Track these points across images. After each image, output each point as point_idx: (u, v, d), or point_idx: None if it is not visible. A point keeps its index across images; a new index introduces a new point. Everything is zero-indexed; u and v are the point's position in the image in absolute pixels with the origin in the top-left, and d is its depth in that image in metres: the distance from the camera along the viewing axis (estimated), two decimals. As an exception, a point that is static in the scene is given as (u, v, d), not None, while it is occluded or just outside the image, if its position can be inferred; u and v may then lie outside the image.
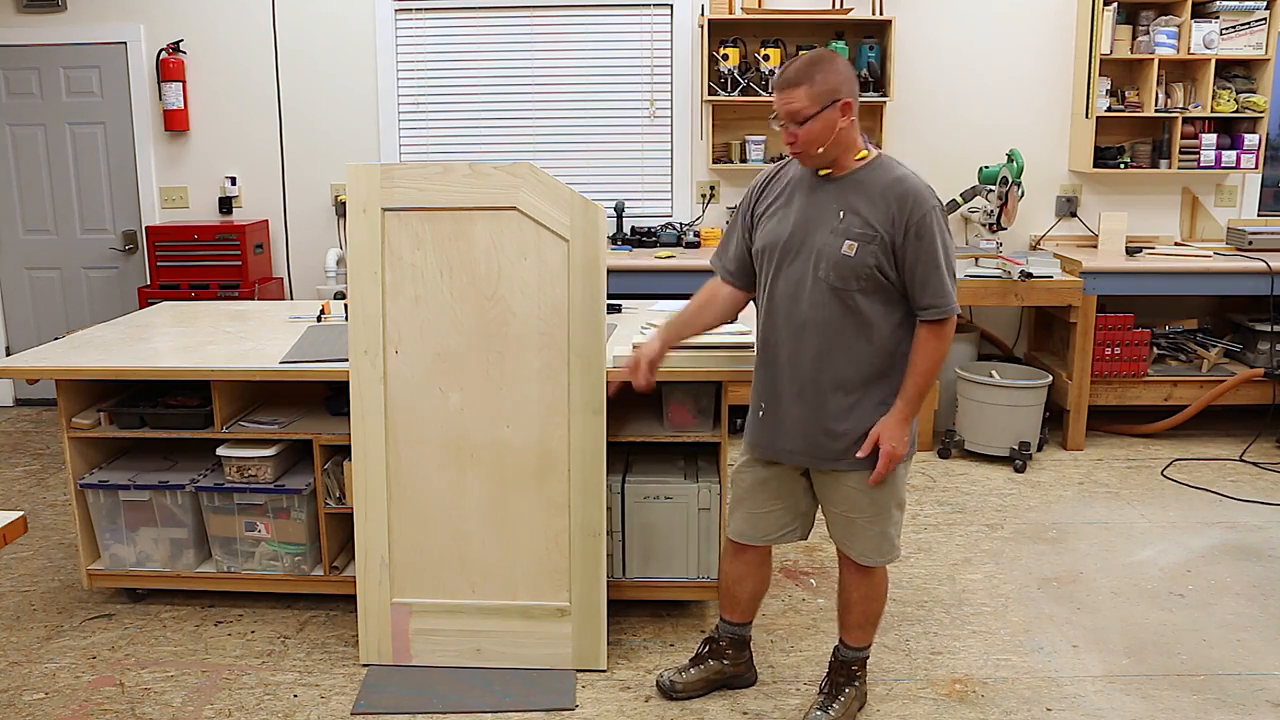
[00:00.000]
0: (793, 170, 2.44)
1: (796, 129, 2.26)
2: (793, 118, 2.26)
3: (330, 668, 2.89)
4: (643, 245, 5.15)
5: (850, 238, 2.28)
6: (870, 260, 2.27)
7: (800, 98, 2.24)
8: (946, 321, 2.31)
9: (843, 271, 2.29)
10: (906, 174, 2.32)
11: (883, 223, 2.27)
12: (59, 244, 5.51)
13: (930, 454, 4.75)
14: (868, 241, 2.27)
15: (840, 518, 2.47)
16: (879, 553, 2.47)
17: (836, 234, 2.30)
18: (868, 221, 2.28)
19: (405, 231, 2.76)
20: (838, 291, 2.30)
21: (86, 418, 3.14)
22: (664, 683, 2.71)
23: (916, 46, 5.14)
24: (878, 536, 2.45)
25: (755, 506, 2.55)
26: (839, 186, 2.34)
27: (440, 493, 2.82)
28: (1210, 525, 3.88)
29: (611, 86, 5.30)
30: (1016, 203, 4.79)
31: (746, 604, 2.71)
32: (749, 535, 2.58)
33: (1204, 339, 5.02)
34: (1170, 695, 2.73)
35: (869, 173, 2.33)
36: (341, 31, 5.25)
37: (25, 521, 2.08)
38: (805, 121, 2.25)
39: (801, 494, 2.53)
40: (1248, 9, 4.86)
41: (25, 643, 3.04)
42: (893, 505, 2.44)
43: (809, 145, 2.28)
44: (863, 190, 2.31)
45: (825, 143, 2.27)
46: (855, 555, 2.48)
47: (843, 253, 2.28)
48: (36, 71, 5.33)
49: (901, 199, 2.27)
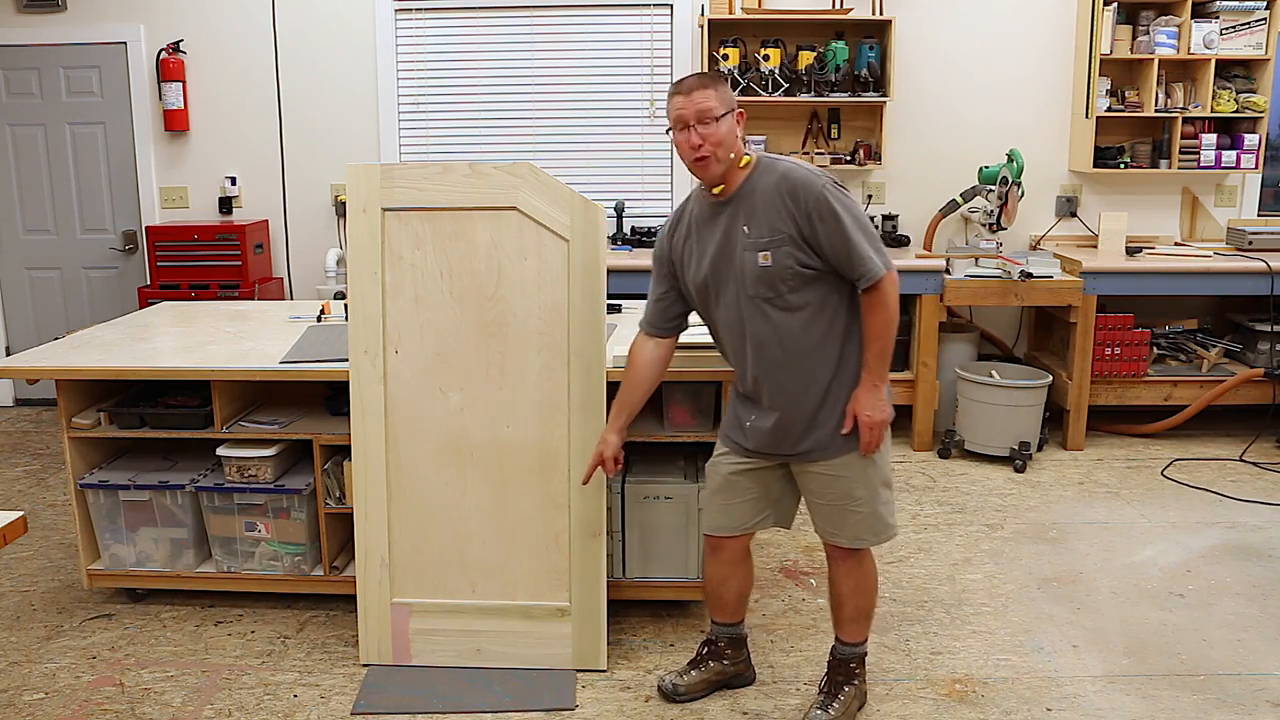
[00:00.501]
0: (691, 211, 2.49)
1: (705, 131, 2.29)
2: (702, 116, 2.29)
3: (330, 668, 2.89)
4: (643, 245, 5.15)
5: (761, 249, 2.31)
6: (787, 261, 2.31)
7: (711, 99, 2.30)
8: (881, 285, 2.30)
9: (767, 280, 2.32)
10: (789, 167, 2.35)
11: (785, 222, 2.30)
12: (59, 244, 5.51)
13: (930, 454, 4.75)
14: (778, 245, 2.30)
15: (827, 508, 2.48)
16: (872, 533, 2.47)
17: (749, 249, 2.33)
18: (772, 227, 2.31)
19: (405, 231, 2.76)
20: (771, 300, 2.34)
21: (86, 418, 3.14)
22: (666, 686, 2.71)
23: (916, 46, 5.14)
24: (869, 518, 2.46)
25: (731, 497, 2.57)
26: (733, 205, 2.38)
27: (440, 493, 2.82)
28: (1210, 525, 3.88)
29: (611, 86, 5.30)
30: (1016, 203, 4.79)
31: (734, 604, 2.72)
32: (724, 527, 2.61)
33: (1204, 339, 5.02)
34: (1170, 695, 2.73)
35: (755, 180, 2.36)
36: (341, 31, 5.25)
37: (25, 521, 2.08)
38: (713, 123, 2.28)
39: (775, 482, 2.55)
40: (1248, 9, 4.86)
41: (25, 643, 3.04)
42: (880, 484, 2.46)
43: (717, 148, 2.31)
44: (755, 199, 2.34)
45: (731, 148, 2.32)
46: (848, 540, 2.48)
47: (760, 265, 2.32)
48: (36, 71, 5.33)
49: (792, 192, 2.30)
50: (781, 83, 4.96)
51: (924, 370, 4.73)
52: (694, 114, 2.29)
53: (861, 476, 2.43)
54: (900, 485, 4.34)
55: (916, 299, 4.68)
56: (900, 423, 5.01)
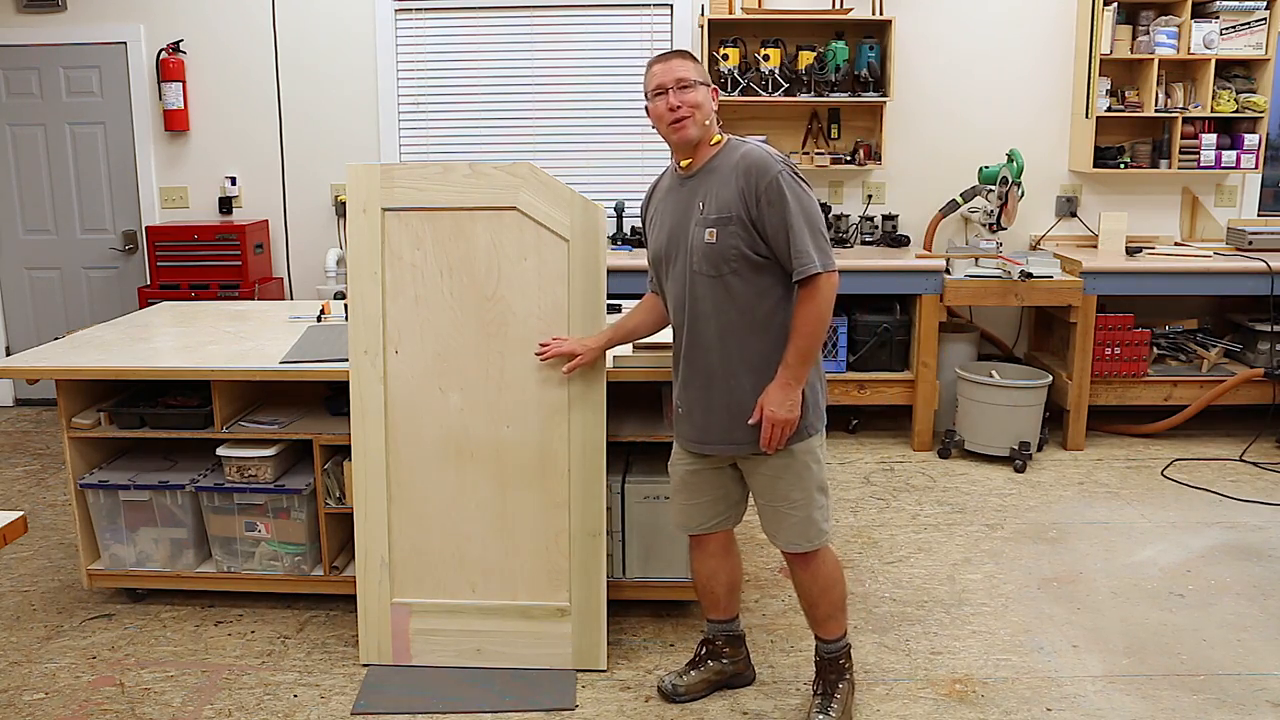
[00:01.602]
0: (663, 182, 2.56)
1: (683, 95, 2.36)
2: (680, 82, 2.36)
3: (330, 668, 2.89)
4: (642, 245, 5.12)
5: (709, 225, 2.35)
6: (732, 241, 2.33)
7: (688, 67, 2.40)
8: (817, 281, 2.29)
9: (711, 259, 2.35)
10: (751, 148, 2.38)
11: (735, 201, 2.32)
12: (59, 244, 5.51)
13: (930, 454, 4.76)
14: (725, 224, 2.33)
15: (766, 508, 2.50)
16: (805, 538, 2.48)
17: (699, 225, 2.37)
18: (724, 204, 2.34)
19: (405, 231, 2.76)
20: (712, 279, 2.36)
21: (86, 418, 3.14)
22: (665, 687, 2.71)
23: (916, 46, 5.14)
24: (803, 522, 2.46)
25: (690, 497, 2.61)
26: (697, 180, 2.42)
27: (440, 493, 2.82)
28: (1210, 525, 3.88)
29: (612, 86, 5.30)
30: (1016, 203, 4.79)
31: (726, 598, 2.72)
32: (686, 525, 2.65)
33: (1204, 339, 5.02)
34: (1170, 695, 2.73)
35: (720, 158, 2.41)
36: (341, 31, 5.25)
37: (25, 521, 2.08)
38: (690, 88, 2.36)
39: (731, 484, 2.58)
40: (1248, 9, 4.86)
41: (25, 643, 3.04)
42: (814, 489, 2.46)
43: (695, 110, 2.36)
44: (716, 176, 2.38)
45: (707, 115, 2.38)
46: (782, 544, 2.51)
47: (705, 241, 2.35)
48: (36, 71, 5.33)
49: (747, 172, 2.32)
50: (781, 83, 4.96)
51: (924, 370, 4.74)
52: (673, 80, 2.37)
53: (797, 480, 2.44)
54: (900, 485, 4.35)
55: (916, 299, 4.69)
56: (900, 423, 5.05)
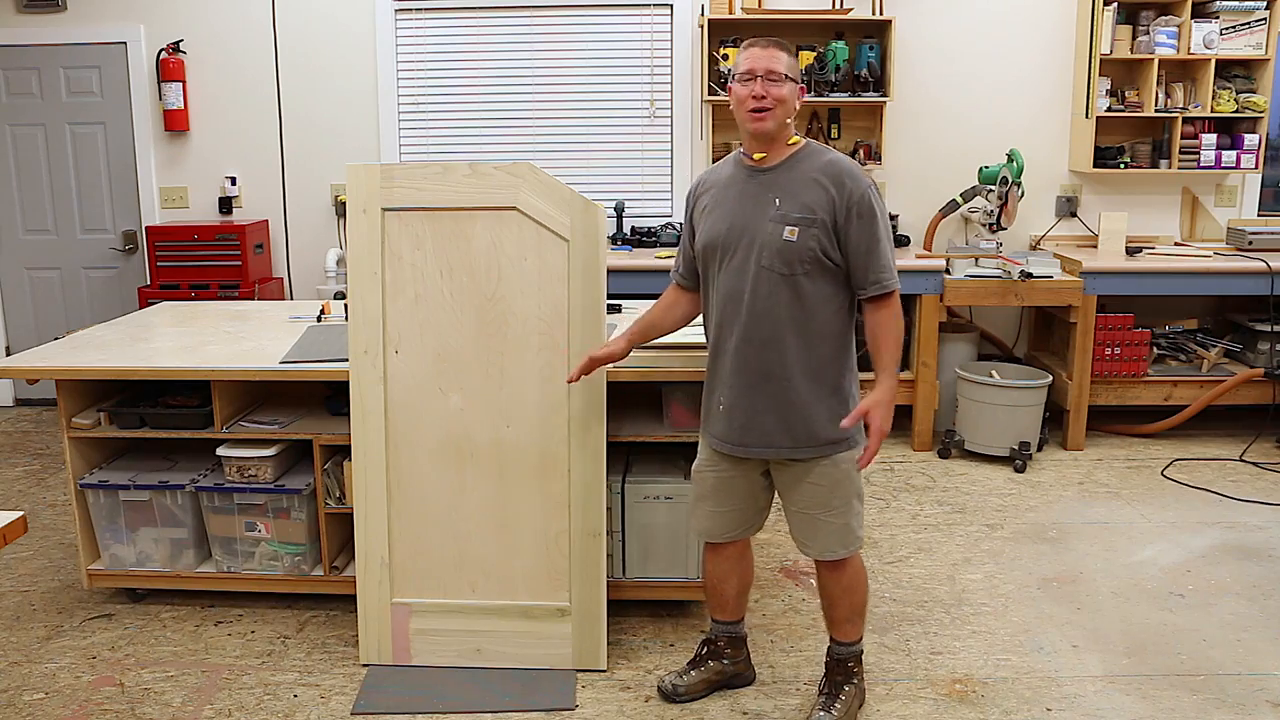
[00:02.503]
0: (724, 171, 2.50)
1: (771, 86, 2.31)
2: (770, 74, 2.31)
3: (330, 668, 2.89)
4: (643, 245, 5.15)
5: (790, 223, 2.32)
6: (812, 244, 2.31)
7: (783, 60, 2.34)
8: (894, 297, 2.36)
9: (786, 257, 2.32)
10: (839, 156, 2.38)
11: (822, 205, 2.31)
12: (59, 244, 5.51)
13: (930, 454, 4.75)
14: (808, 225, 2.31)
15: (800, 515, 2.48)
16: (842, 545, 2.47)
17: (775, 221, 2.34)
18: (806, 205, 2.32)
19: (405, 231, 2.76)
20: (783, 278, 2.34)
21: (86, 418, 3.14)
22: (665, 687, 2.71)
23: (916, 46, 5.14)
24: (840, 529, 2.46)
25: (717, 504, 2.58)
26: (771, 176, 2.38)
27: (440, 493, 2.82)
28: (1210, 525, 3.88)
29: (611, 86, 5.30)
30: (1016, 203, 4.79)
31: (734, 601, 2.72)
32: (711, 532, 2.62)
33: (1204, 339, 5.02)
34: (1170, 695, 2.73)
35: (800, 159, 2.38)
36: (341, 31, 5.25)
37: (25, 521, 2.08)
38: (779, 81, 2.31)
39: (760, 491, 2.56)
40: (1248, 9, 4.86)
41: (25, 643, 3.04)
42: (853, 496, 2.46)
43: (778, 104, 2.32)
44: (796, 176, 2.35)
45: (789, 113, 2.35)
46: (817, 553, 2.49)
47: (784, 238, 2.32)
48: (36, 71, 5.33)
49: (838, 179, 2.32)
50: (781, 83, 4.95)
51: (924, 370, 4.73)
52: (764, 68, 2.32)
53: (837, 488, 2.43)
54: (900, 485, 4.35)
55: (916, 299, 4.68)
56: (900, 423, 5.02)
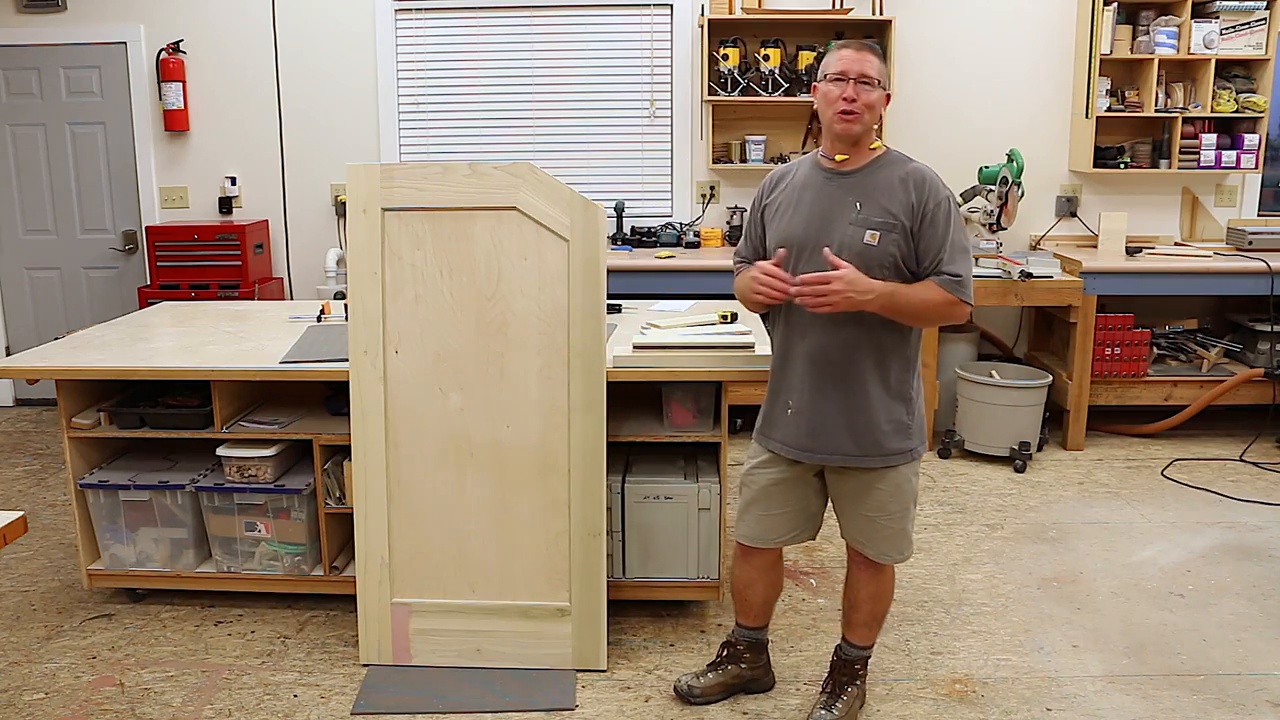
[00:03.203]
0: (801, 171, 2.47)
1: (862, 89, 2.31)
2: (863, 76, 2.31)
3: (330, 668, 2.89)
4: (643, 245, 5.15)
5: (871, 227, 2.31)
6: (892, 249, 2.31)
7: (874, 65, 2.34)
8: (962, 306, 2.35)
9: (867, 261, 2.30)
10: (921, 165, 2.38)
11: (903, 210, 2.31)
12: (59, 244, 5.51)
13: (930, 454, 4.75)
14: (889, 230, 2.31)
15: (860, 518, 2.47)
16: (898, 550, 2.48)
17: (857, 224, 2.33)
18: (887, 210, 2.32)
19: (405, 231, 2.76)
20: None
21: (86, 418, 3.14)
22: (682, 687, 2.69)
23: (916, 46, 5.14)
24: (898, 535, 2.47)
25: (769, 508, 2.54)
26: (852, 180, 2.37)
27: (440, 493, 2.82)
28: (1210, 525, 3.88)
29: (611, 86, 5.30)
30: (1016, 203, 4.79)
31: (760, 608, 2.70)
32: (760, 538, 2.57)
33: (1204, 339, 5.02)
34: (1170, 695, 2.73)
35: (881, 164, 2.38)
36: (341, 31, 5.25)
37: (25, 521, 2.08)
38: (870, 86, 2.32)
39: (813, 496, 2.54)
40: (1248, 9, 4.86)
41: (25, 643, 3.04)
42: (910, 502, 2.47)
43: (866, 110, 2.32)
44: (878, 181, 2.35)
45: (875, 119, 2.36)
46: (875, 555, 2.48)
47: (865, 242, 2.31)
48: (36, 71, 5.33)
49: (919, 186, 2.32)
50: (781, 83, 4.96)
51: (924, 370, 4.71)
52: (858, 71, 2.31)
53: (897, 491, 2.43)
54: (900, 485, 4.35)
55: (916, 299, 4.68)
56: (900, 423, 5.04)
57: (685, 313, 3.50)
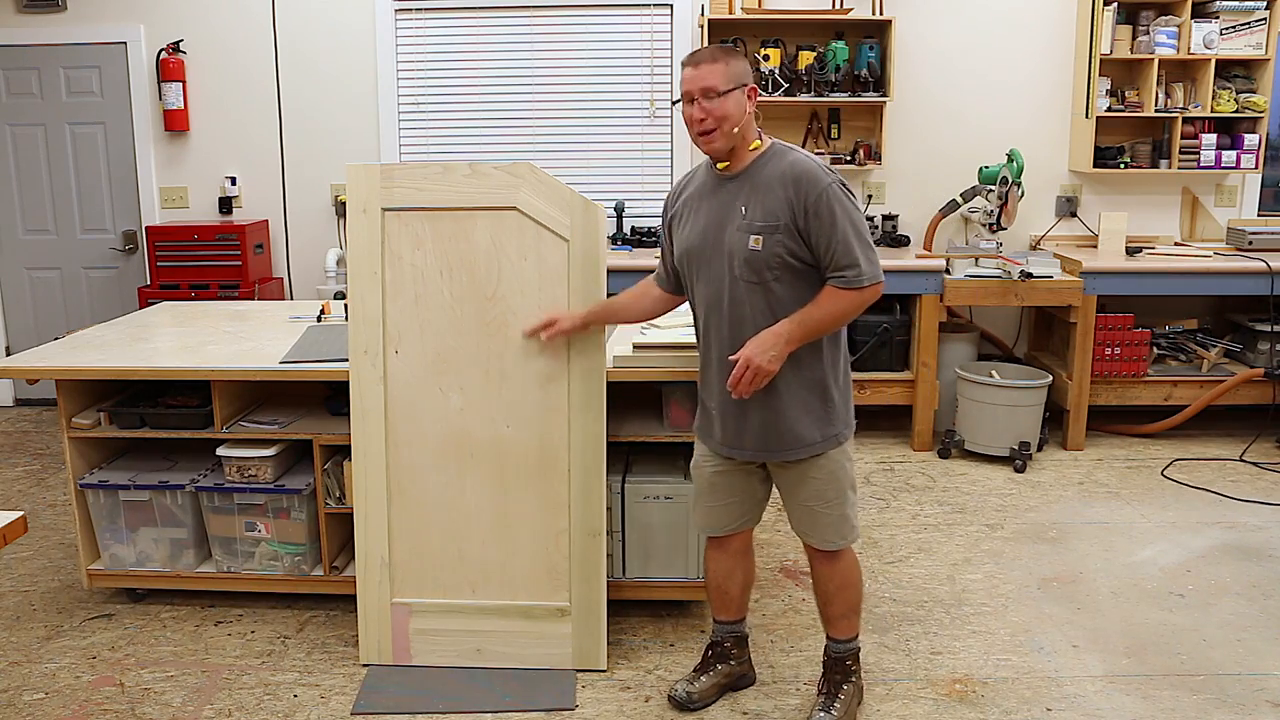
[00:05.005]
0: (697, 178, 2.50)
1: (709, 105, 2.29)
2: (706, 91, 2.29)
3: (330, 668, 2.89)
4: (643, 245, 5.15)
5: (754, 232, 2.32)
6: (777, 249, 2.31)
7: (715, 74, 2.29)
8: (863, 291, 2.29)
9: (755, 265, 2.32)
10: (799, 157, 2.35)
11: (782, 210, 2.30)
12: (59, 244, 5.51)
13: (930, 454, 4.75)
14: (771, 232, 2.30)
15: (800, 508, 2.50)
16: (840, 536, 2.50)
17: (742, 230, 2.34)
18: (769, 211, 2.31)
19: (405, 231, 2.76)
20: (754, 285, 2.34)
21: (86, 418, 3.14)
22: (679, 695, 2.68)
23: (916, 46, 5.14)
24: (838, 520, 2.48)
25: (714, 499, 2.60)
26: (737, 183, 2.38)
27: (440, 493, 2.82)
28: (1210, 525, 3.88)
29: (611, 86, 5.30)
30: (1016, 203, 4.79)
31: (739, 598, 2.72)
32: (711, 527, 2.64)
33: (1204, 339, 5.02)
34: (1170, 695, 2.73)
35: (763, 163, 2.37)
36: (341, 31, 5.25)
37: (25, 521, 2.08)
38: (716, 98, 2.29)
39: (758, 484, 2.59)
40: (1248, 9, 4.86)
41: (25, 643, 3.04)
42: (847, 487, 2.48)
43: (721, 122, 2.30)
44: (760, 182, 2.34)
45: (737, 123, 2.32)
46: (818, 542, 2.51)
47: (750, 247, 2.32)
48: (36, 71, 5.33)
49: (796, 182, 2.29)
50: (781, 83, 4.96)
51: (924, 370, 4.73)
52: (699, 89, 2.30)
53: (831, 479, 2.45)
54: (900, 485, 4.35)
55: (916, 299, 4.68)
56: (900, 423, 5.04)
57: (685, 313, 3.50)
